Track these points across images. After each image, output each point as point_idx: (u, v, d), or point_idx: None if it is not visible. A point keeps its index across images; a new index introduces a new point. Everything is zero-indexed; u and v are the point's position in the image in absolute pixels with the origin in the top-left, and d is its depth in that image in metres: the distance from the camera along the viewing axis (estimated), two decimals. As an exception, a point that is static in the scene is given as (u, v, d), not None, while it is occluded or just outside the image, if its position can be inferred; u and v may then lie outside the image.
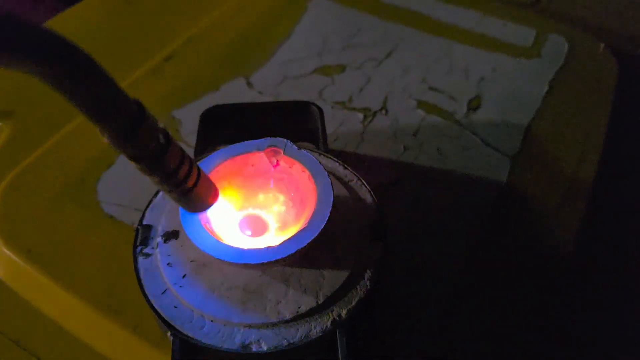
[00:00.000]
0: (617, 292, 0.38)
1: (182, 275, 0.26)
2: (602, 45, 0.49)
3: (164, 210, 0.29)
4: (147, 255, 0.27)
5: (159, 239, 0.27)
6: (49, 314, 0.31)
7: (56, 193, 0.36)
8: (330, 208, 0.25)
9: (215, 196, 0.24)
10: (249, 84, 0.44)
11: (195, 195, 0.23)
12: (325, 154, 0.31)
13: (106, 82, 0.17)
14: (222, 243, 0.25)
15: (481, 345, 0.31)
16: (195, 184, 0.22)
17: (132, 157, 0.20)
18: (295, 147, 0.28)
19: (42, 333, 0.31)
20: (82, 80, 0.16)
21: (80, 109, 0.17)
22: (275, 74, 0.44)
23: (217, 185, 0.25)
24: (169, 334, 0.25)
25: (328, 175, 0.27)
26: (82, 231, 0.34)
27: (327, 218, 0.25)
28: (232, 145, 0.28)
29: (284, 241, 0.24)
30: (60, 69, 0.16)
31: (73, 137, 0.39)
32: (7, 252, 0.33)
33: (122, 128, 0.18)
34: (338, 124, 0.40)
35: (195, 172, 0.22)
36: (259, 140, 0.28)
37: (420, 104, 0.42)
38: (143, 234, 0.28)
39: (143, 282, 0.26)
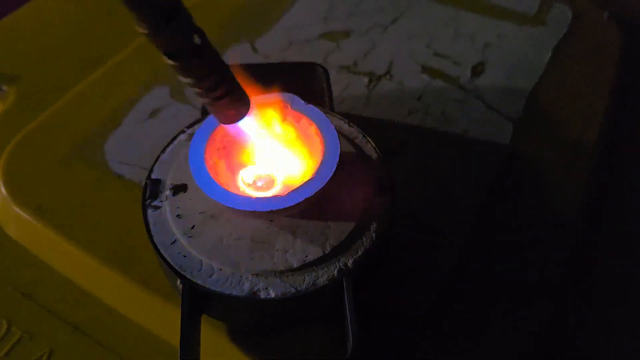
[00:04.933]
0: (621, 252, 0.38)
1: (191, 226, 0.27)
2: (606, 13, 0.49)
3: (172, 165, 0.29)
4: (156, 207, 0.28)
5: (168, 192, 0.28)
6: (59, 268, 0.32)
7: (64, 153, 0.36)
8: (337, 159, 0.26)
9: (247, 108, 0.24)
10: (254, 49, 0.44)
11: (228, 103, 0.22)
12: (331, 112, 0.32)
13: None
14: (231, 192, 0.25)
15: (484, 305, 0.31)
16: (229, 92, 0.22)
17: (166, 53, 0.19)
18: (303, 101, 0.28)
19: (53, 287, 0.32)
20: None
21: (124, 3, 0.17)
22: (281, 39, 0.44)
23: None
24: (178, 282, 0.25)
25: (334, 129, 0.27)
26: (91, 189, 0.34)
27: (334, 169, 0.25)
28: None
29: (292, 190, 0.25)
30: None
31: (80, 100, 0.40)
32: (17, 209, 0.33)
33: (158, 17, 0.18)
34: (343, 88, 0.40)
35: (229, 80, 0.22)
36: (266, 95, 0.28)
37: (425, 69, 0.42)
38: (152, 188, 0.28)
39: (152, 233, 0.27)
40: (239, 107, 0.23)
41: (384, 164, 0.29)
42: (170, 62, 0.20)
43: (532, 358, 0.31)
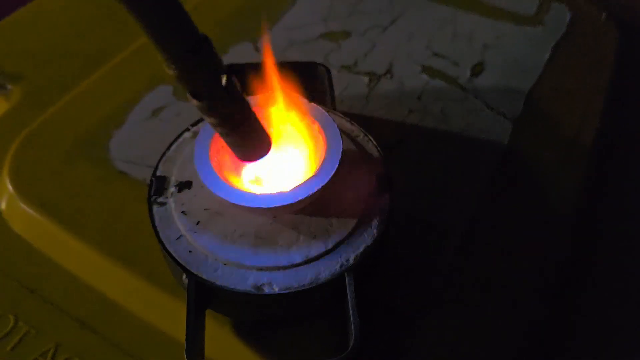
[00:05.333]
0: (618, 250, 0.39)
1: (196, 222, 0.27)
2: (604, 14, 0.50)
3: (177, 163, 0.30)
4: (162, 204, 0.28)
5: (173, 189, 0.28)
6: (65, 264, 0.32)
7: (68, 150, 0.37)
8: (340, 157, 0.26)
9: (268, 148, 0.25)
10: (256, 49, 0.44)
11: (251, 141, 0.23)
12: (333, 111, 0.32)
13: (180, 13, 0.18)
14: (235, 189, 0.26)
15: (482, 304, 0.32)
16: (251, 132, 0.23)
17: (193, 94, 0.20)
18: (305, 100, 0.29)
19: (59, 283, 0.32)
20: (158, 9, 0.17)
21: (152, 36, 0.17)
22: (281, 39, 0.45)
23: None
24: (183, 277, 0.26)
25: (337, 127, 0.28)
26: (95, 186, 0.35)
27: (336, 166, 0.26)
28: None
29: (296, 187, 0.25)
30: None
31: (84, 98, 0.40)
32: (23, 206, 0.34)
33: (188, 60, 0.18)
34: (344, 87, 0.41)
35: (252, 120, 0.22)
36: (267, 94, 0.29)
37: (425, 69, 0.43)
38: (157, 184, 0.29)
39: (158, 228, 0.27)
40: (260, 146, 0.24)
41: (385, 161, 0.29)
42: (194, 102, 0.20)
43: (530, 357, 0.31)
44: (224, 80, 0.20)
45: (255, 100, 0.29)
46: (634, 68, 0.49)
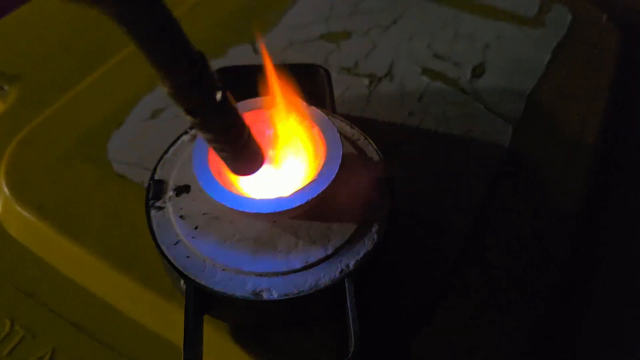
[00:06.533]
0: (622, 251, 0.38)
1: (195, 227, 0.27)
2: (605, 15, 0.49)
3: (175, 166, 0.29)
4: (160, 208, 0.28)
5: (171, 193, 0.28)
6: (62, 268, 0.32)
7: (66, 152, 0.36)
8: (340, 161, 0.26)
9: (262, 160, 0.24)
10: (255, 50, 0.44)
11: (244, 156, 0.23)
12: (333, 114, 0.32)
13: (174, 28, 0.17)
14: (234, 194, 0.25)
15: (484, 306, 0.31)
16: (245, 147, 0.22)
17: (188, 111, 0.20)
18: (305, 103, 0.28)
19: (56, 286, 0.32)
20: (152, 27, 0.16)
21: (146, 55, 0.17)
22: (281, 40, 0.45)
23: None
24: (182, 282, 0.26)
25: (337, 131, 0.27)
26: (93, 189, 0.34)
27: (336, 170, 0.26)
28: (240, 103, 0.29)
29: (295, 192, 0.25)
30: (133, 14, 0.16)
31: (81, 99, 0.40)
32: (19, 209, 0.34)
33: (184, 79, 0.18)
34: (344, 89, 0.41)
35: (246, 135, 0.22)
36: (266, 97, 0.29)
37: (425, 71, 0.43)
38: (155, 188, 0.29)
39: (156, 233, 0.27)
40: (253, 161, 0.24)
41: (385, 165, 0.29)
42: (189, 118, 0.20)
43: (532, 356, 0.31)
44: (218, 96, 0.20)
45: (254, 103, 0.28)
46: (635, 69, 0.49)
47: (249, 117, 0.28)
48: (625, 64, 0.47)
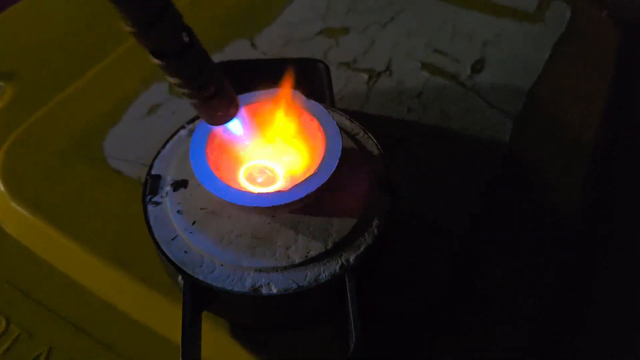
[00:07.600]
0: (622, 250, 0.38)
1: (192, 222, 0.26)
2: (604, 12, 0.49)
3: (172, 161, 0.29)
4: (157, 203, 0.27)
5: (168, 188, 0.28)
6: (58, 265, 0.32)
7: (62, 149, 0.36)
8: (339, 155, 0.26)
9: (236, 109, 0.24)
10: (253, 46, 0.44)
11: (216, 104, 0.22)
12: (332, 108, 0.32)
13: None
14: (233, 188, 0.25)
15: (485, 304, 0.31)
16: (218, 93, 0.21)
17: (153, 52, 0.19)
18: (304, 97, 0.28)
19: (52, 284, 0.31)
20: None
21: None
22: (280, 36, 0.44)
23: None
24: (179, 278, 0.25)
25: (336, 124, 0.27)
26: (89, 186, 0.34)
27: (336, 164, 0.25)
28: (239, 96, 0.28)
29: (294, 186, 0.25)
30: None
31: (78, 96, 0.39)
32: (15, 206, 0.33)
33: (145, 16, 0.18)
34: (342, 85, 0.40)
35: (218, 80, 0.21)
36: (266, 90, 0.28)
37: (425, 66, 0.42)
38: (152, 184, 0.28)
39: (153, 229, 0.27)
40: (228, 108, 0.23)
41: (385, 160, 0.29)
42: (156, 61, 0.19)
43: (532, 356, 0.31)
44: (185, 37, 0.19)
45: (252, 97, 0.28)
46: (635, 65, 0.49)
47: (247, 110, 0.27)
48: (625, 60, 0.47)
